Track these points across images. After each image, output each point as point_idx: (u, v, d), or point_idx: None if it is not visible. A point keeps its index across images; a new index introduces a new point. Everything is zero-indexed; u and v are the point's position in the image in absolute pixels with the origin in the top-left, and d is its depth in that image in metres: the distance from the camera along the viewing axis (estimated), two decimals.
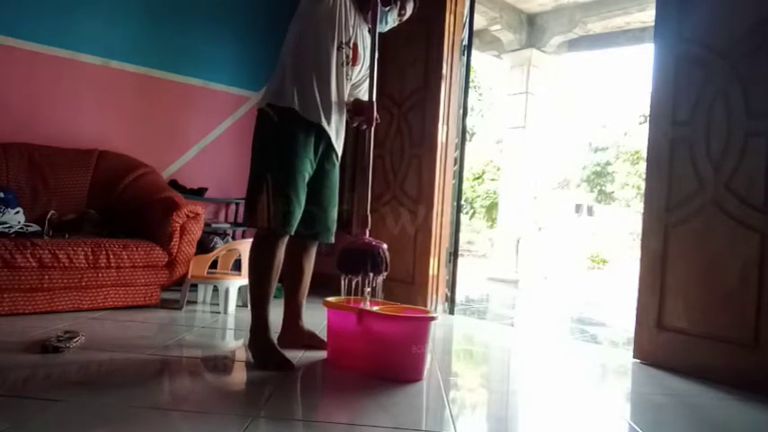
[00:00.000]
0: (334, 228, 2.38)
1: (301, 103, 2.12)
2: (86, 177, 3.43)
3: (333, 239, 2.38)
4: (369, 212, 2.26)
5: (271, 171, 2.11)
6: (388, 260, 2.13)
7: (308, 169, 2.17)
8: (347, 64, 2.24)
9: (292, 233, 2.16)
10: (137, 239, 3.05)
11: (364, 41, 2.33)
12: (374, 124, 2.27)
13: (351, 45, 2.25)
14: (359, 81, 2.38)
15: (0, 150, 3.20)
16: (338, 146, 2.31)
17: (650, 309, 2.58)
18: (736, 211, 2.34)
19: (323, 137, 2.21)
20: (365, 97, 2.39)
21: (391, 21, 2.35)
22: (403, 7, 2.34)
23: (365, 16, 2.30)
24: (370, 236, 2.20)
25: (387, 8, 2.28)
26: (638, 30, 6.88)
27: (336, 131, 2.27)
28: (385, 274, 2.13)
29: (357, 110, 2.33)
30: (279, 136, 2.13)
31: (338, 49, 2.19)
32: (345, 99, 2.30)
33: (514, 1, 6.94)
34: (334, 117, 2.22)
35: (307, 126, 2.15)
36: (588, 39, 7.39)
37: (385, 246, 2.15)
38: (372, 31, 2.26)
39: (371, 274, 2.09)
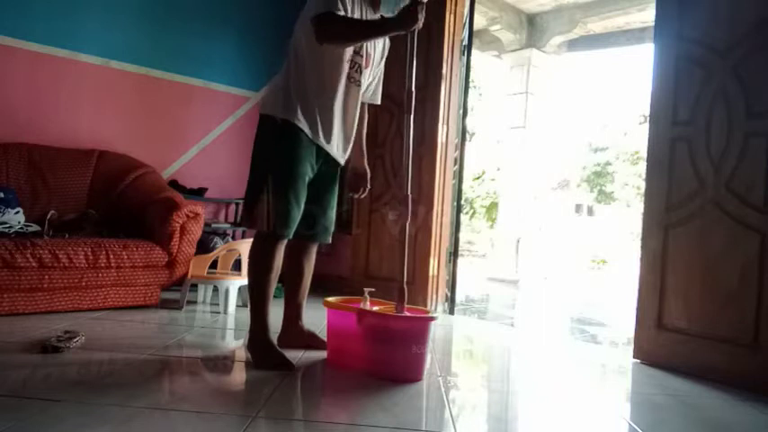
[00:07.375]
0: (331, 228, 2.39)
1: (304, 119, 2.11)
2: (86, 177, 3.43)
3: (330, 240, 2.40)
4: (405, 285, 2.11)
5: (272, 173, 2.11)
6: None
7: (308, 172, 2.16)
8: (358, 71, 2.19)
9: (291, 236, 2.16)
10: (137, 239, 3.05)
11: (375, 41, 2.25)
12: (408, 220, 2.18)
13: (362, 53, 2.18)
14: (370, 82, 2.33)
15: (0, 150, 3.20)
16: (341, 157, 2.29)
17: (650, 309, 2.58)
18: (736, 211, 2.34)
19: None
20: (376, 98, 2.38)
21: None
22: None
23: (377, 8, 2.20)
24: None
25: None
26: (638, 30, 6.88)
27: (342, 145, 2.25)
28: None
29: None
30: (281, 139, 2.11)
31: (349, 61, 2.14)
32: (357, 106, 2.25)
33: (514, 1, 6.94)
34: (336, 134, 2.19)
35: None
36: (588, 39, 7.39)
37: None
38: (408, 66, 2.15)
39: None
